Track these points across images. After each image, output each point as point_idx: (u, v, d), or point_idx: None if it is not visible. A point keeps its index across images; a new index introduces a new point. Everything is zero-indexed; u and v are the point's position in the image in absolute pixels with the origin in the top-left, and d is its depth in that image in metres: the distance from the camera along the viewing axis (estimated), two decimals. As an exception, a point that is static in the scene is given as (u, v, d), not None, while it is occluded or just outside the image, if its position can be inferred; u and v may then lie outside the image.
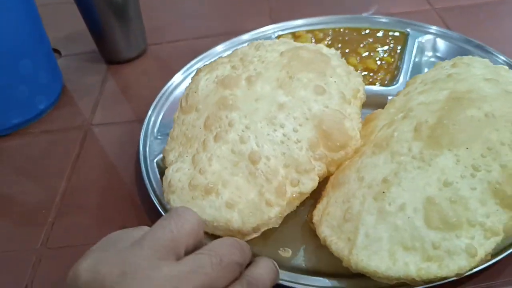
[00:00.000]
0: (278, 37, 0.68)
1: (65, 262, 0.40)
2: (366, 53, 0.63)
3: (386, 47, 0.64)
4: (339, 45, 0.65)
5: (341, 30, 0.68)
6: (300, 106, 0.42)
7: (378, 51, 0.63)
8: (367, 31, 0.67)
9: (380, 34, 0.66)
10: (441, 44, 0.63)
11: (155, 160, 0.51)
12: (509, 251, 0.37)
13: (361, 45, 0.64)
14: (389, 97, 0.53)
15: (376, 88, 0.57)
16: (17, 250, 0.48)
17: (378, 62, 0.61)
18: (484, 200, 0.34)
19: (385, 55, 0.62)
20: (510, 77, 0.43)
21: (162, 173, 0.47)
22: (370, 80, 0.59)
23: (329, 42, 0.66)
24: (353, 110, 0.45)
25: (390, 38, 0.65)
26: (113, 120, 0.63)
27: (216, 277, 0.30)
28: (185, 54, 0.66)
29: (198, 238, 0.32)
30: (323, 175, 0.43)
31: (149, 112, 0.57)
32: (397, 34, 0.66)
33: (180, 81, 0.62)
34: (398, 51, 0.63)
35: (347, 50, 0.64)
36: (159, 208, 0.46)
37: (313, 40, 0.67)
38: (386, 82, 0.58)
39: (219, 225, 0.40)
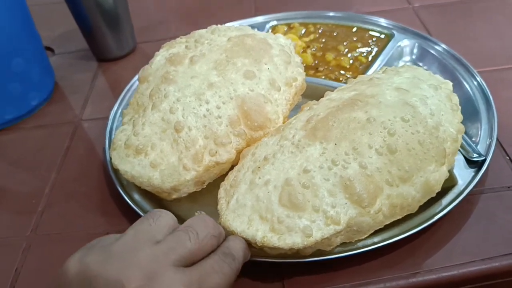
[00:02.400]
0: (273, 27, 0.73)
1: (53, 248, 0.49)
2: (346, 51, 0.66)
3: (366, 48, 0.66)
4: (323, 40, 0.69)
5: (333, 26, 0.71)
6: (227, 87, 0.48)
7: (357, 50, 0.65)
8: (355, 29, 0.70)
9: (366, 34, 0.68)
10: (420, 50, 0.64)
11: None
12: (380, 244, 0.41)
13: (344, 43, 0.67)
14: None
15: (330, 82, 0.61)
16: (9, 236, 0.51)
17: (352, 61, 0.64)
18: (334, 192, 0.38)
19: (362, 55, 0.65)
20: (427, 92, 0.44)
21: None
22: (335, 77, 0.62)
23: (317, 36, 0.70)
24: (283, 96, 0.50)
25: (374, 39, 0.67)
26: (102, 115, 0.65)
27: (195, 249, 0.33)
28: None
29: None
30: (242, 149, 0.48)
31: (115, 106, 0.62)
32: (382, 36, 0.67)
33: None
34: (374, 53, 0.65)
35: (329, 46, 0.67)
36: (124, 196, 0.50)
37: (303, 32, 0.71)
38: (349, 80, 0.61)
39: (144, 181, 0.47)
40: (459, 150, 0.48)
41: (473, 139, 0.50)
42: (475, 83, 0.57)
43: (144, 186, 0.48)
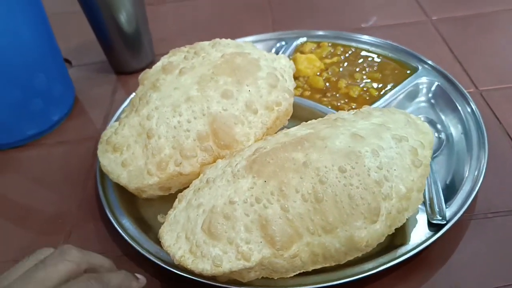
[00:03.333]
0: (302, 44, 0.72)
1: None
2: (359, 80, 0.63)
3: (384, 80, 0.63)
4: (346, 64, 0.67)
5: (362, 51, 0.68)
6: (202, 103, 0.49)
7: (371, 81, 0.63)
8: (380, 57, 0.67)
9: (390, 65, 0.65)
10: (439, 91, 0.60)
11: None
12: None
13: (363, 71, 0.65)
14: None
15: (329, 110, 0.59)
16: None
17: (361, 92, 0.61)
18: (251, 228, 0.38)
19: (374, 87, 0.62)
20: (386, 143, 0.41)
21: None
22: (338, 105, 0.60)
23: (341, 58, 0.68)
24: (259, 119, 0.50)
25: (396, 71, 0.64)
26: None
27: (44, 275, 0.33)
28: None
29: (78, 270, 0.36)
30: (208, 164, 0.49)
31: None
32: (408, 71, 0.64)
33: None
34: (389, 86, 0.62)
35: (347, 72, 0.65)
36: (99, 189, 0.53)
37: (331, 51, 0.69)
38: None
39: (114, 177, 0.50)
40: (424, 208, 0.46)
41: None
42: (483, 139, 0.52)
43: (115, 181, 0.51)
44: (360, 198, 0.38)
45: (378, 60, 0.66)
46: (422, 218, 0.45)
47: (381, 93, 0.61)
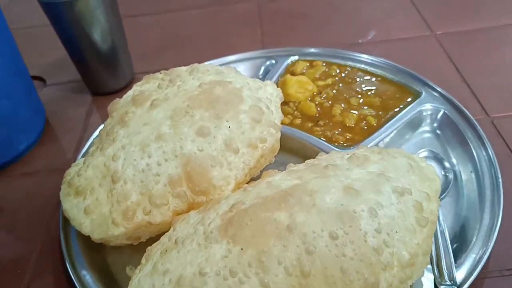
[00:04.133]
0: (292, 63, 0.66)
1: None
2: (356, 105, 0.57)
3: (384, 107, 0.56)
4: (341, 85, 0.60)
5: (359, 72, 0.62)
6: (175, 142, 0.43)
7: (368, 108, 0.56)
8: (379, 78, 0.60)
9: (391, 89, 0.59)
10: (445, 119, 0.54)
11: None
12: None
13: (359, 95, 0.58)
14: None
15: (320, 143, 0.53)
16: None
17: (358, 121, 0.55)
18: (223, 307, 0.32)
19: (372, 115, 0.55)
20: (386, 198, 0.35)
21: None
22: (332, 135, 0.53)
23: (337, 79, 0.61)
24: (241, 159, 0.44)
25: (397, 96, 0.57)
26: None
27: None
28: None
29: None
30: (181, 212, 0.43)
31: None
32: (409, 99, 0.57)
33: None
34: (390, 114, 0.55)
35: (341, 96, 0.59)
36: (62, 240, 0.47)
37: (325, 71, 0.63)
38: (345, 145, 0.53)
39: (76, 225, 0.44)
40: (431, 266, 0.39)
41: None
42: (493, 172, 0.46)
43: (78, 229, 0.45)
44: (355, 272, 0.32)
45: (377, 82, 0.60)
46: (428, 280, 0.39)
47: (380, 121, 0.54)
